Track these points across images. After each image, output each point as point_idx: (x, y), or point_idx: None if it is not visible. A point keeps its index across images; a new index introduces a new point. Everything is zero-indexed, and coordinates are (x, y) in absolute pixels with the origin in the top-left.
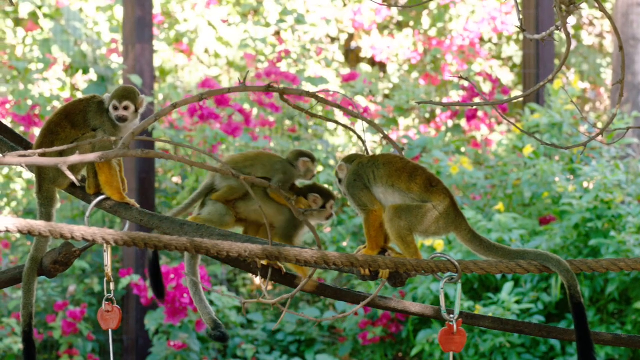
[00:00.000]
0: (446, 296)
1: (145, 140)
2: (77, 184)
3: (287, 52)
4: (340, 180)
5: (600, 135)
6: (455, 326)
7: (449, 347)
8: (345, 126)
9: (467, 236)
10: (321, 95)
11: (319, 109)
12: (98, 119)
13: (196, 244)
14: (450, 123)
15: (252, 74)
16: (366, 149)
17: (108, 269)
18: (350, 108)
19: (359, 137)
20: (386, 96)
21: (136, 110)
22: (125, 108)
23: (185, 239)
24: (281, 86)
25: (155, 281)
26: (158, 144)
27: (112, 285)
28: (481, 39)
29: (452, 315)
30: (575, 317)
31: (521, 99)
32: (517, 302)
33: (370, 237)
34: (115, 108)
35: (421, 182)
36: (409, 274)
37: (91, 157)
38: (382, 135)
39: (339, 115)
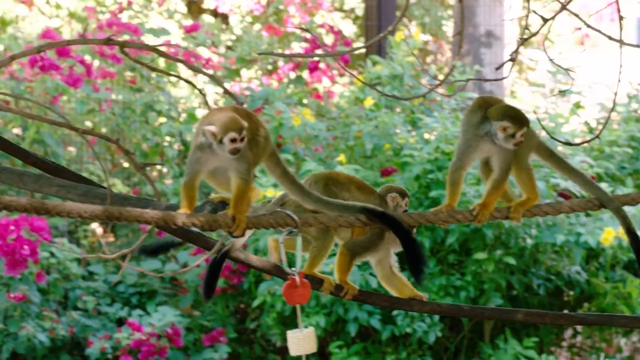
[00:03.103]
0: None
1: None
2: None
3: (129, 3)
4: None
5: (441, 87)
6: (297, 279)
7: (294, 300)
8: (186, 80)
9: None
10: (162, 49)
11: (161, 62)
12: None
13: (36, 205)
14: (292, 75)
15: (93, 25)
16: (206, 102)
17: None
18: (194, 59)
19: (200, 91)
20: (229, 48)
21: None
22: None
23: (25, 200)
24: (123, 38)
25: (210, 282)
26: None
27: None
28: None
29: (293, 269)
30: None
31: (363, 51)
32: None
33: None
34: None
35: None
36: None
37: None
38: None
39: (182, 67)
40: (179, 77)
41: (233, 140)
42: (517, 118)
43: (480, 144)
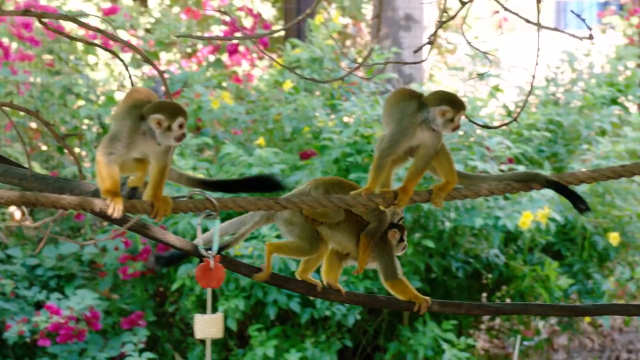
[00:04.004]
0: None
1: None
2: None
3: None
4: None
5: (360, 70)
6: (212, 262)
7: (208, 283)
8: (111, 52)
9: None
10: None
11: (79, 46)
12: None
13: None
14: (211, 58)
15: (10, 7)
16: (131, 81)
17: None
18: (112, 43)
19: (125, 67)
20: (147, 30)
21: None
22: None
23: None
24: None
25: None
26: None
27: None
28: None
29: (209, 251)
30: None
31: (282, 34)
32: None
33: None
34: None
35: None
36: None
37: None
38: (144, 70)
39: (100, 51)
40: (104, 48)
41: (181, 127)
42: (454, 102)
43: (417, 132)
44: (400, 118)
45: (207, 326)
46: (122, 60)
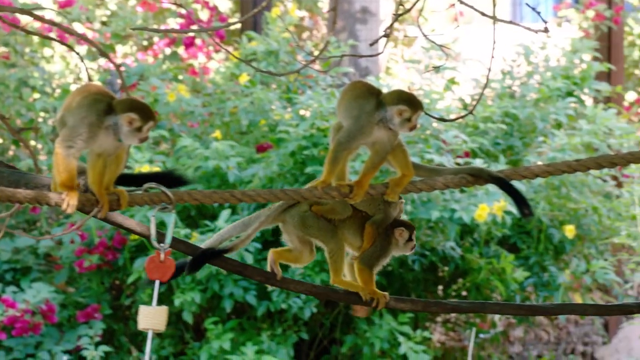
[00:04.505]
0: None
1: None
2: None
3: None
4: None
5: (317, 63)
6: (163, 255)
7: (155, 275)
8: (67, 45)
9: None
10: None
11: (35, 39)
12: None
13: None
14: (168, 51)
15: None
16: (87, 74)
17: None
18: (68, 36)
19: (81, 59)
20: (103, 23)
21: None
22: None
23: None
24: None
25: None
26: None
27: None
28: None
29: (162, 244)
30: None
31: (239, 27)
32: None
33: None
34: None
35: None
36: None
37: None
38: (100, 62)
39: (54, 44)
40: (61, 42)
41: (148, 129)
42: (412, 102)
43: (374, 130)
44: (358, 115)
45: (151, 318)
46: (77, 53)
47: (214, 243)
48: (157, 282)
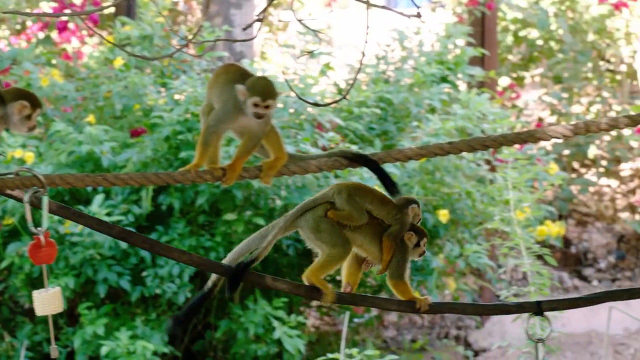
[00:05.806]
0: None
1: None
2: None
3: None
4: None
5: (191, 48)
6: (42, 239)
7: (40, 260)
8: None
9: None
10: None
11: None
12: None
13: None
14: (41, 35)
15: None
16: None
17: None
18: None
19: None
20: None
21: None
22: None
23: None
24: None
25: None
26: None
27: None
28: None
29: (39, 228)
30: None
31: (112, 11)
32: (108, 214)
33: None
34: None
35: None
36: None
37: None
38: None
39: None
40: None
41: (36, 116)
42: (263, 91)
43: (239, 117)
44: (226, 100)
45: (47, 302)
46: None
47: (236, 257)
48: (44, 267)
